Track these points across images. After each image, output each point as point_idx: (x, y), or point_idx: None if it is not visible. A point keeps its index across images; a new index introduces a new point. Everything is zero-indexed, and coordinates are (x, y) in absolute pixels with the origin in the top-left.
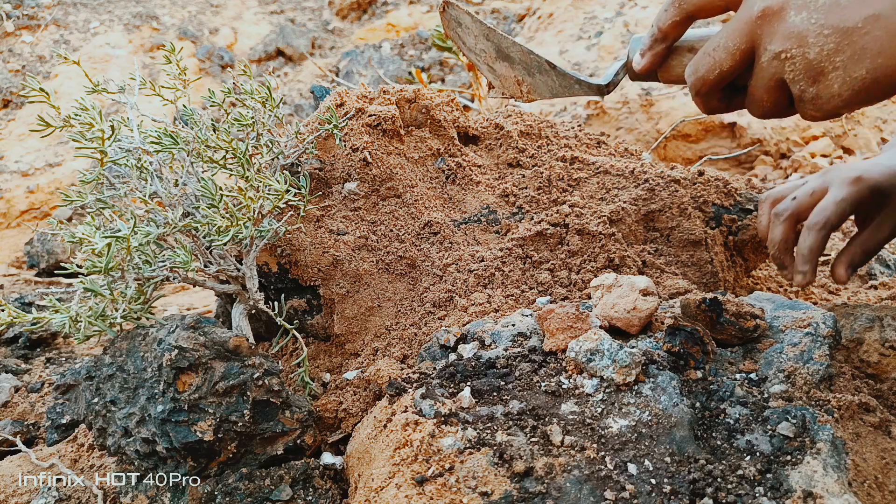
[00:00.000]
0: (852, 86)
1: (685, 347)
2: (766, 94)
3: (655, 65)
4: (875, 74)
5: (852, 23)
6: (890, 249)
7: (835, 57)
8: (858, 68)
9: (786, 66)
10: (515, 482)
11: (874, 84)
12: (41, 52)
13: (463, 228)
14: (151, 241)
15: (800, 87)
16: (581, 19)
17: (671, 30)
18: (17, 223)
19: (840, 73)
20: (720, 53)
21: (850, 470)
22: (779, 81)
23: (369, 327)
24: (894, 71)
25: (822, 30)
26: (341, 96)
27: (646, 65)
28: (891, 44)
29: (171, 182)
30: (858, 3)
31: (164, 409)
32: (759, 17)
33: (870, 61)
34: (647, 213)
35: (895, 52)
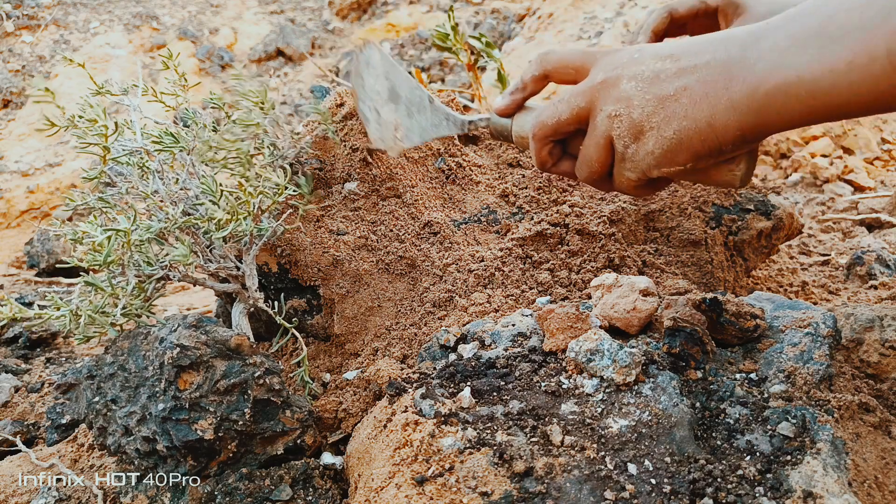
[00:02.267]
0: (662, 144)
1: (685, 348)
2: (595, 152)
3: (511, 109)
4: (680, 135)
5: (668, 91)
6: (890, 249)
7: (652, 118)
8: (668, 128)
9: (614, 124)
10: (515, 482)
11: (679, 144)
12: (41, 52)
13: (463, 228)
14: (152, 239)
15: (623, 142)
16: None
17: (531, 83)
18: (17, 223)
19: (655, 132)
20: (562, 105)
21: (850, 470)
22: (608, 139)
23: (369, 327)
24: (694, 133)
25: (645, 95)
26: (341, 96)
27: (504, 105)
28: (693, 109)
29: (171, 181)
30: (674, 77)
31: (165, 408)
32: (600, 84)
33: (676, 123)
34: (647, 213)
35: (696, 116)
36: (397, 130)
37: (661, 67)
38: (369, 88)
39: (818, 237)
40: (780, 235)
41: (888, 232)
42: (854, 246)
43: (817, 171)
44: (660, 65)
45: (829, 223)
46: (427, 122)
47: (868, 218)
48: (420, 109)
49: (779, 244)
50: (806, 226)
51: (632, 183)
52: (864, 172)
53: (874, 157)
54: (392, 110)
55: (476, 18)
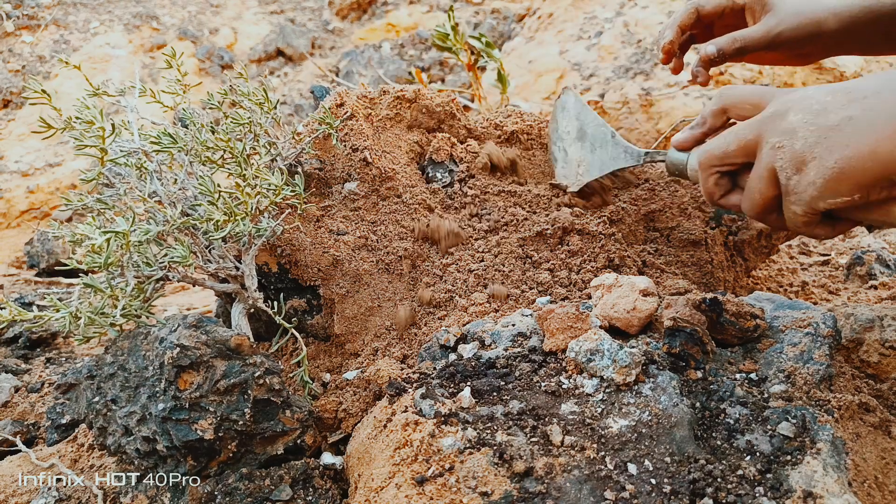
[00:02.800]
0: (823, 174)
1: (685, 348)
2: (758, 184)
3: (689, 144)
4: (842, 164)
5: (832, 122)
6: (890, 249)
7: (815, 148)
8: (830, 158)
9: (777, 155)
10: (515, 482)
11: (841, 173)
12: (41, 52)
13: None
14: (151, 240)
15: (786, 174)
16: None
17: (710, 118)
18: (17, 223)
19: (816, 162)
20: (730, 137)
21: (850, 470)
22: (772, 171)
23: (369, 327)
24: (856, 161)
25: (809, 126)
26: (341, 96)
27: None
28: (855, 138)
29: (170, 181)
30: (840, 108)
31: (165, 408)
32: (769, 117)
33: (839, 152)
34: (647, 213)
35: (858, 145)
36: (580, 166)
37: (830, 100)
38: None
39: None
40: (780, 235)
41: (888, 232)
42: (854, 246)
43: None
44: (830, 98)
45: None
46: (607, 155)
47: None
48: (602, 144)
49: (779, 244)
50: None
51: (800, 218)
52: None
53: None
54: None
55: (476, 18)
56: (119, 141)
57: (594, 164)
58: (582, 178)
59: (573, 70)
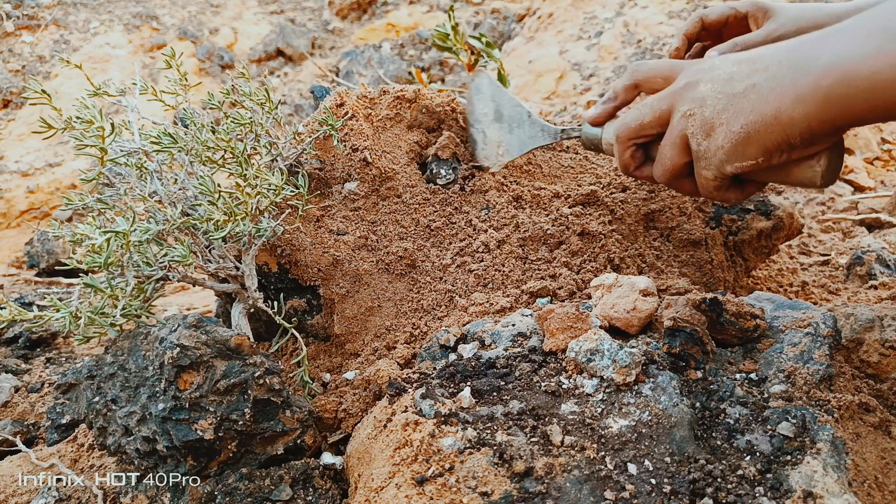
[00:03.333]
0: (731, 138)
1: (685, 348)
2: (670, 150)
3: (602, 118)
4: (748, 128)
5: (738, 90)
6: (890, 249)
7: (722, 114)
8: (736, 123)
9: (688, 122)
10: (515, 482)
11: (747, 137)
12: (41, 52)
13: (464, 229)
14: (151, 240)
15: (696, 140)
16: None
17: (622, 92)
18: (17, 223)
19: (724, 127)
20: (645, 109)
21: (850, 470)
22: (683, 137)
23: (369, 327)
24: (761, 125)
25: (717, 94)
26: (341, 96)
27: (595, 113)
28: (760, 104)
29: (170, 181)
30: (745, 77)
31: (165, 408)
32: (681, 88)
33: (744, 117)
34: (647, 213)
35: (763, 110)
36: (499, 147)
37: (736, 70)
38: (479, 112)
39: (818, 237)
40: (780, 235)
41: (888, 232)
42: (854, 246)
43: None
44: (735, 68)
45: (829, 223)
46: (525, 134)
47: (868, 218)
48: (519, 124)
49: (779, 244)
50: (806, 226)
51: (710, 182)
52: (864, 172)
53: (874, 157)
54: (497, 129)
55: (476, 18)
56: (119, 141)
57: (513, 144)
58: (502, 159)
59: (573, 70)
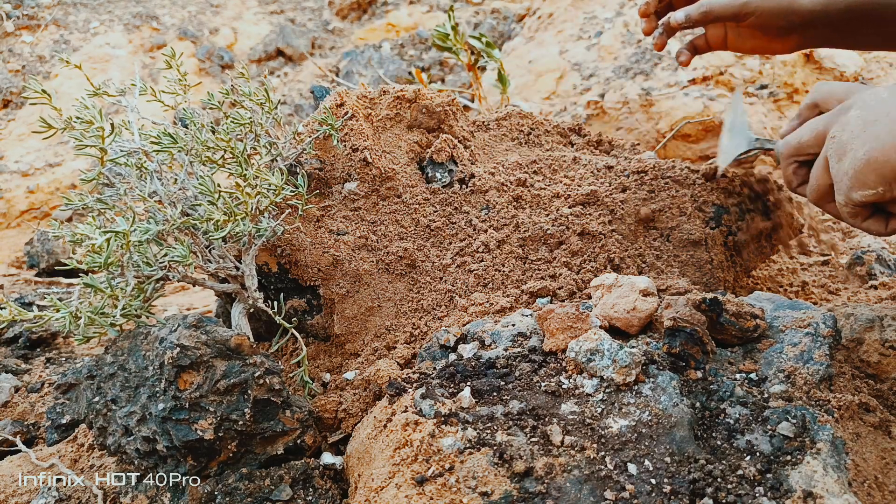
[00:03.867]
0: (854, 164)
1: (685, 348)
2: (817, 171)
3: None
4: (868, 156)
5: (874, 117)
6: (890, 249)
7: (854, 140)
8: (862, 149)
9: (830, 144)
10: (515, 482)
11: (867, 164)
12: (41, 52)
13: (464, 229)
14: (151, 240)
15: (832, 163)
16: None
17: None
18: (17, 223)
19: (852, 153)
20: (806, 129)
21: (850, 470)
22: (826, 160)
23: (369, 327)
24: (880, 154)
25: (858, 121)
26: (341, 96)
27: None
28: (885, 134)
29: (170, 181)
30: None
31: (165, 408)
32: (838, 111)
33: (869, 144)
34: (647, 213)
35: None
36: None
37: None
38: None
39: (818, 237)
40: (780, 235)
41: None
42: (854, 246)
43: None
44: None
45: (829, 223)
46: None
47: None
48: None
49: (779, 244)
50: (806, 226)
51: (843, 209)
52: None
53: None
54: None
55: (476, 18)
56: (119, 141)
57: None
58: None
59: (573, 70)
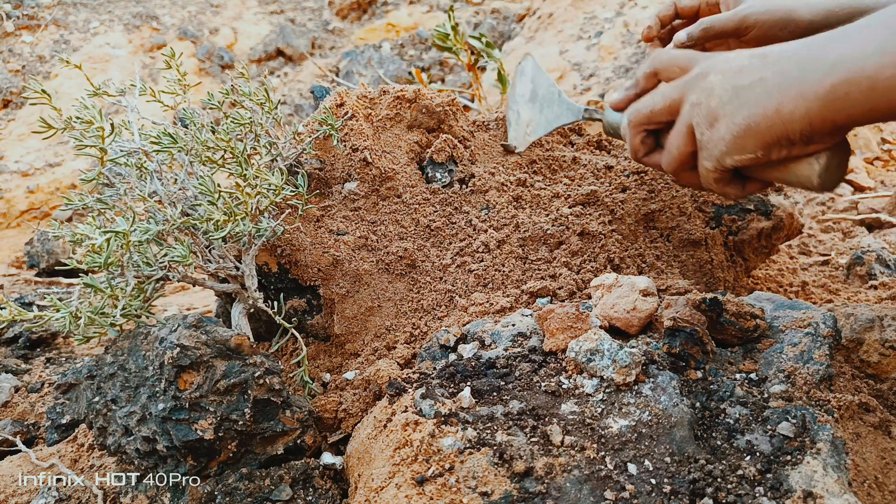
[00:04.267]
0: (732, 130)
1: (685, 348)
2: (677, 139)
3: (623, 104)
4: (748, 120)
5: (744, 82)
6: (890, 249)
7: (727, 105)
8: (739, 115)
9: (695, 112)
10: (515, 482)
11: (747, 130)
12: (41, 52)
13: (464, 229)
14: (151, 240)
15: (700, 130)
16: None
17: (643, 80)
18: (17, 223)
19: (727, 119)
20: (657, 97)
21: (850, 470)
22: (690, 127)
23: (369, 327)
24: (762, 118)
25: (725, 85)
26: (341, 96)
27: (616, 100)
28: (764, 97)
29: (170, 181)
30: (755, 70)
31: (165, 408)
32: (693, 78)
33: (746, 110)
34: (647, 213)
35: (765, 104)
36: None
37: (747, 63)
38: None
39: (818, 237)
40: (780, 235)
41: (888, 232)
42: (854, 246)
43: None
44: (747, 61)
45: (829, 223)
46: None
47: (868, 218)
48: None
49: (779, 244)
50: (806, 226)
51: (711, 174)
52: (864, 172)
53: (874, 157)
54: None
55: (476, 18)
56: (119, 141)
57: (540, 123)
58: (529, 138)
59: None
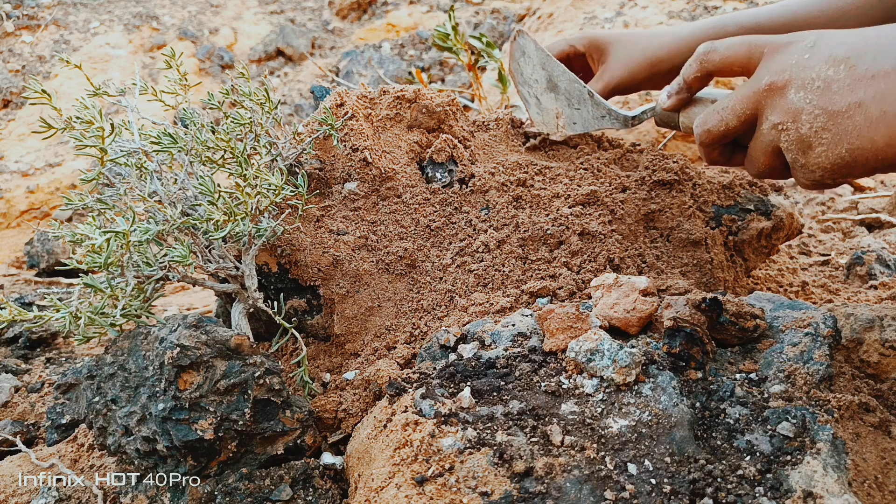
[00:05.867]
0: (834, 161)
1: (685, 348)
2: (763, 157)
3: (677, 106)
4: (853, 155)
5: (839, 107)
6: (890, 249)
7: (822, 134)
8: (840, 147)
9: (781, 136)
10: (515, 482)
11: (852, 162)
12: (41, 52)
13: (464, 229)
14: (151, 240)
15: (792, 155)
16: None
17: (693, 82)
18: (17, 223)
19: (825, 149)
20: (728, 113)
21: (850, 470)
22: (775, 148)
23: (369, 327)
24: (869, 153)
25: (814, 109)
26: (341, 96)
27: (670, 104)
28: (868, 130)
29: (170, 181)
30: (847, 90)
31: (165, 408)
32: (766, 90)
33: (849, 143)
34: (647, 213)
35: (871, 138)
36: (559, 118)
37: (833, 76)
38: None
39: (818, 237)
40: (780, 235)
41: (888, 232)
42: (854, 246)
43: None
44: (832, 72)
45: (829, 223)
46: (589, 114)
47: (868, 218)
48: (581, 102)
49: (779, 244)
50: (806, 226)
51: (808, 186)
52: None
53: None
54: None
55: (476, 18)
56: (119, 141)
57: (576, 119)
58: (565, 130)
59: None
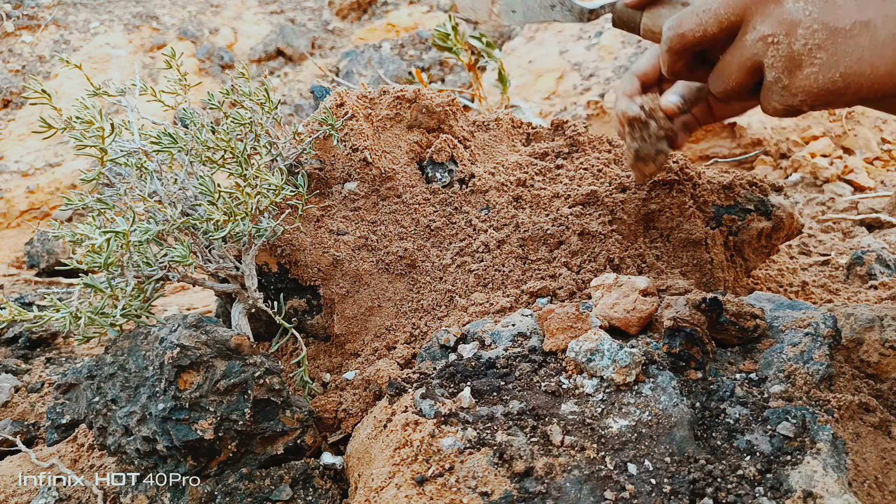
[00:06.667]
0: (823, 86)
1: (685, 348)
2: (737, 73)
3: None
4: (847, 80)
5: (843, 24)
6: (890, 249)
7: (816, 53)
8: (833, 71)
9: (769, 50)
10: (515, 482)
11: (843, 89)
12: (41, 52)
13: (464, 229)
14: (151, 240)
15: (775, 74)
16: None
17: None
18: (17, 223)
19: (815, 70)
20: (708, 17)
21: (850, 470)
22: (755, 64)
23: (369, 327)
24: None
25: (813, 23)
26: (341, 96)
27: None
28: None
29: (170, 181)
30: (854, 6)
31: (165, 408)
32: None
33: (845, 67)
34: (647, 213)
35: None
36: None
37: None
38: None
39: (818, 237)
40: (780, 235)
41: (888, 232)
42: (854, 246)
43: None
44: None
45: (829, 223)
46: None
47: (868, 218)
48: None
49: (779, 244)
50: (806, 226)
51: (777, 111)
52: (864, 172)
53: (874, 157)
54: None
55: None
56: (119, 141)
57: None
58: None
59: (573, 70)
